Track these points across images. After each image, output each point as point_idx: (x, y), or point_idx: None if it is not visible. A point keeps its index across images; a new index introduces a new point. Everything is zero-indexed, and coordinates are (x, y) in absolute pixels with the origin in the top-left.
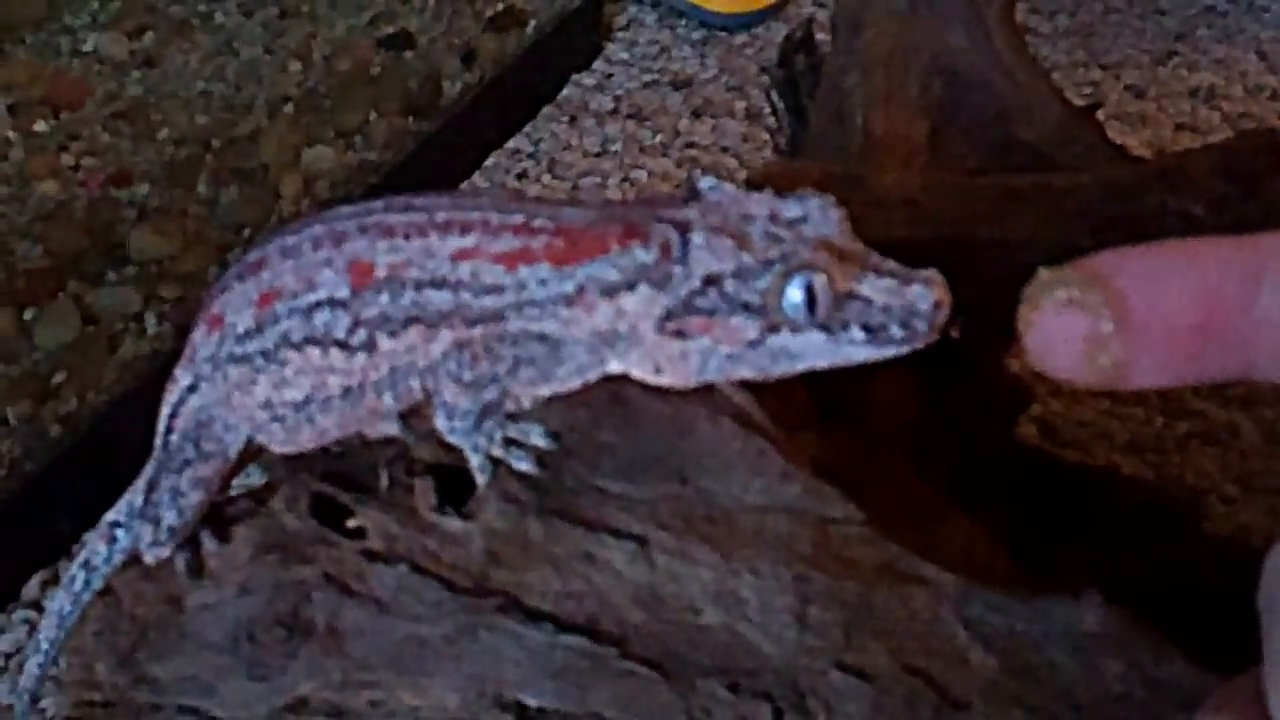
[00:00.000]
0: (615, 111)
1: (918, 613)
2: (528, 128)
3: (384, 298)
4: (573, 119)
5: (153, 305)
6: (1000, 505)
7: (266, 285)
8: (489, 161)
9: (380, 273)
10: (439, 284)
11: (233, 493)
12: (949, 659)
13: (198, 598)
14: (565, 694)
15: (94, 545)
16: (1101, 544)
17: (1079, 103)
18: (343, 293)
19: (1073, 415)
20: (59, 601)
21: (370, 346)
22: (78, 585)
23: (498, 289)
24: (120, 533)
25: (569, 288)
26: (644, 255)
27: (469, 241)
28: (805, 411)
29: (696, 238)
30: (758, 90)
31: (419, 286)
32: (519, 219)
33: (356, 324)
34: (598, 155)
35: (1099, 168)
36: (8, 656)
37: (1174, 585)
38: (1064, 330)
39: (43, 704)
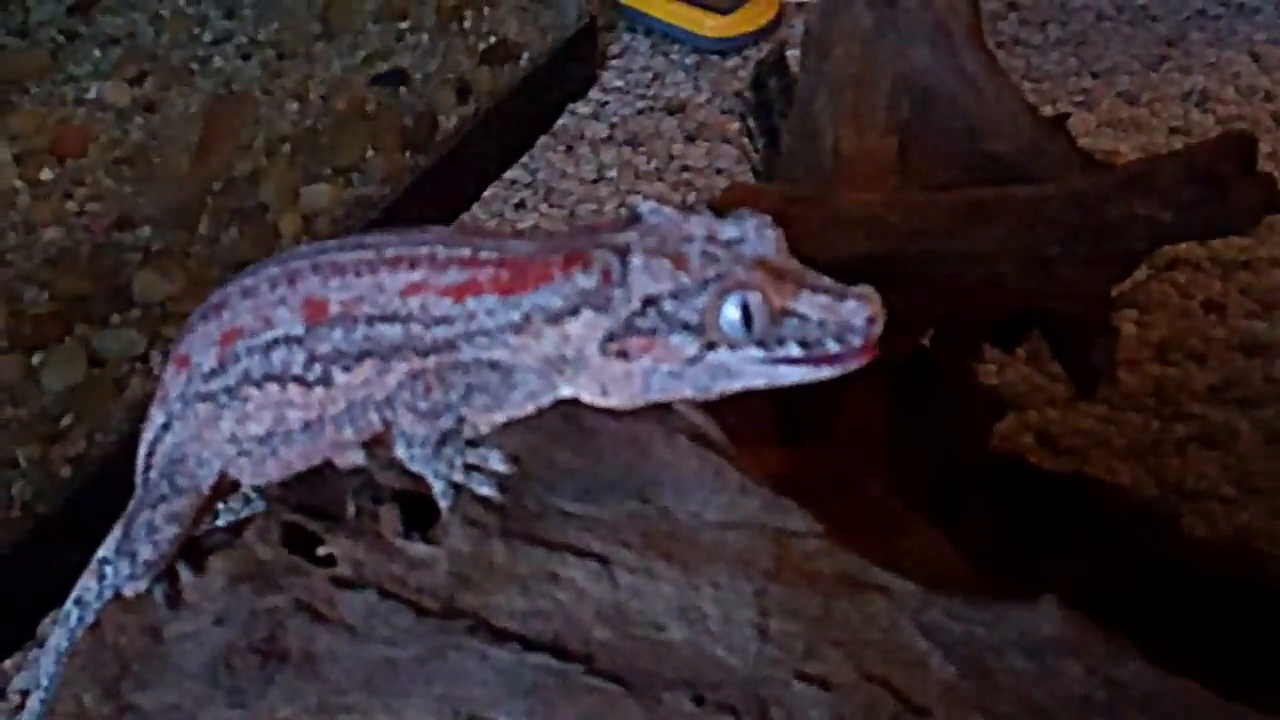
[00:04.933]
0: (610, 138)
1: (877, 621)
2: (525, 158)
3: (337, 333)
4: (569, 148)
5: (158, 346)
6: (980, 514)
7: (227, 325)
8: (487, 193)
9: (333, 309)
10: (390, 318)
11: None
12: (909, 666)
13: (176, 628)
14: (534, 712)
15: (85, 581)
16: (1081, 550)
17: (1071, 111)
18: (298, 330)
19: (1070, 423)
20: (56, 638)
21: (326, 381)
22: (72, 621)
23: (447, 320)
24: (109, 569)
25: (516, 316)
26: (585, 281)
27: (417, 276)
28: (768, 427)
29: (635, 260)
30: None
31: (371, 321)
32: (465, 252)
33: (312, 359)
34: (594, 182)
35: (1068, 177)
36: (23, 695)
37: (1152, 589)
38: None
39: None
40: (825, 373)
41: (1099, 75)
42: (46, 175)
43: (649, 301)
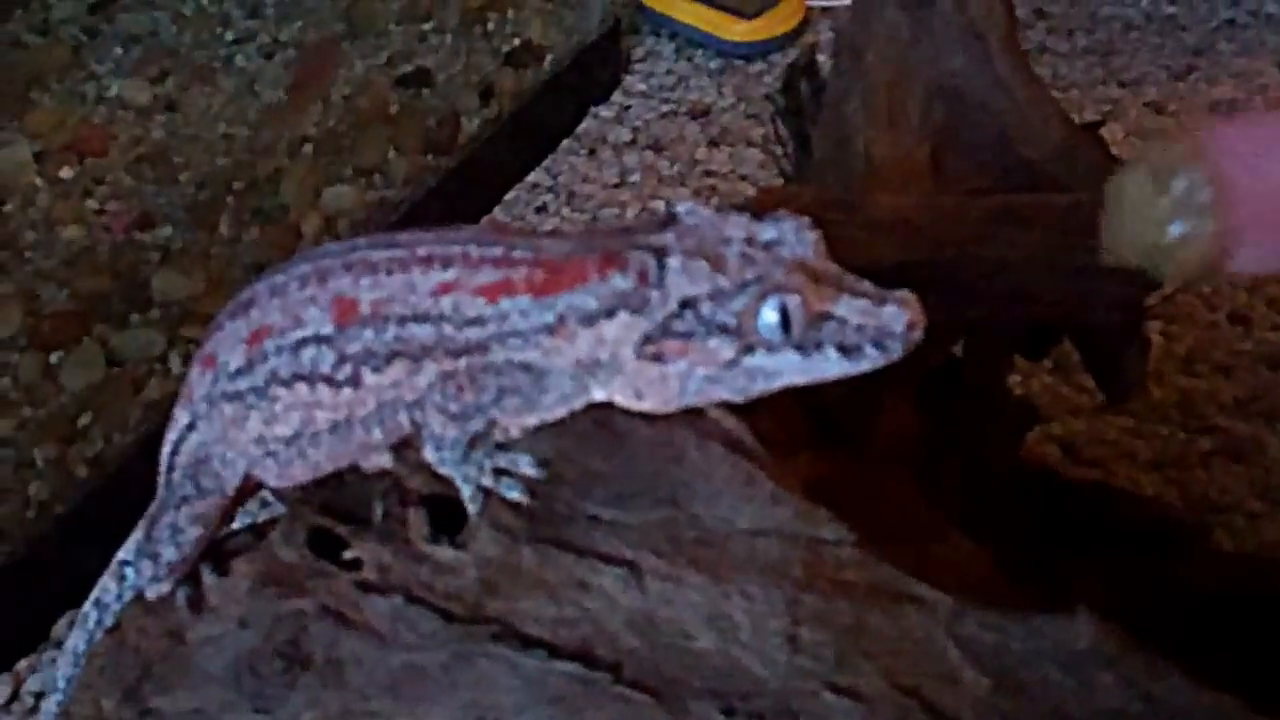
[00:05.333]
0: (633, 143)
1: (909, 632)
2: (547, 161)
3: (368, 333)
4: (591, 151)
5: (176, 346)
6: (1010, 523)
7: (256, 323)
8: (509, 195)
9: (363, 309)
10: (421, 318)
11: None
12: (941, 678)
13: (199, 631)
14: None
15: (105, 583)
16: (1110, 561)
17: (1102, 119)
18: (327, 329)
19: (1095, 434)
20: (74, 640)
21: (356, 381)
22: (91, 623)
23: (480, 321)
24: (129, 570)
25: (550, 317)
26: (622, 282)
27: (449, 275)
28: (801, 434)
29: (673, 262)
30: None
31: (401, 321)
32: (498, 251)
33: (342, 360)
34: (616, 186)
35: (1103, 184)
36: (37, 696)
37: (1179, 600)
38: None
39: None
40: (865, 365)
41: (1126, 85)
42: (66, 173)
43: (686, 304)
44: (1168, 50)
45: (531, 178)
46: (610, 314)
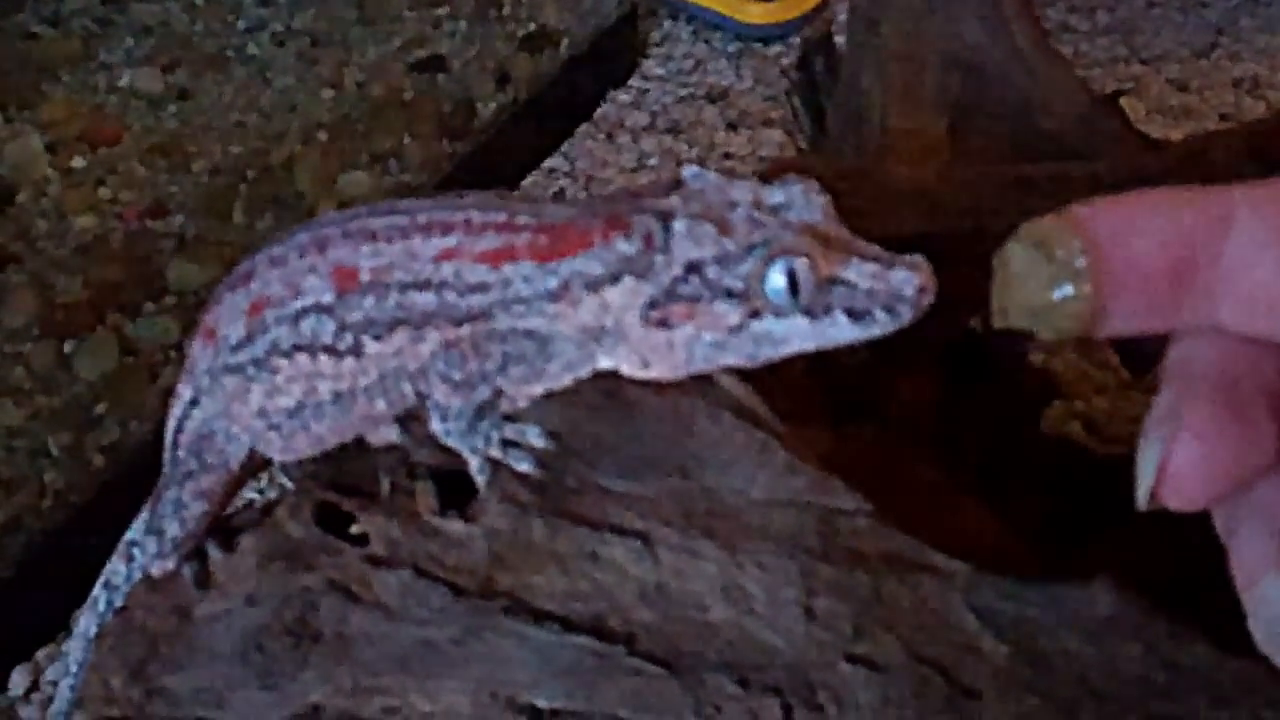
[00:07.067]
0: (651, 126)
1: (927, 601)
2: (564, 146)
3: (368, 301)
4: (609, 135)
5: (191, 334)
6: (1032, 497)
7: (255, 295)
8: (526, 181)
9: (364, 277)
10: (422, 285)
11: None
12: (960, 647)
13: (206, 608)
14: (575, 694)
15: (114, 565)
16: (1135, 535)
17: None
18: (328, 298)
19: (1119, 411)
20: (84, 623)
21: (357, 351)
22: (101, 605)
23: (482, 287)
24: (137, 551)
25: (553, 283)
26: (626, 247)
27: (451, 241)
28: (816, 406)
29: (678, 225)
30: None
31: (403, 289)
32: (501, 217)
33: (342, 329)
34: (635, 171)
35: (1122, 155)
36: (56, 685)
37: (1202, 574)
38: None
39: None
40: (875, 330)
41: (1148, 62)
42: (79, 163)
43: (692, 268)
44: (1190, 27)
45: (549, 163)
46: (615, 279)
